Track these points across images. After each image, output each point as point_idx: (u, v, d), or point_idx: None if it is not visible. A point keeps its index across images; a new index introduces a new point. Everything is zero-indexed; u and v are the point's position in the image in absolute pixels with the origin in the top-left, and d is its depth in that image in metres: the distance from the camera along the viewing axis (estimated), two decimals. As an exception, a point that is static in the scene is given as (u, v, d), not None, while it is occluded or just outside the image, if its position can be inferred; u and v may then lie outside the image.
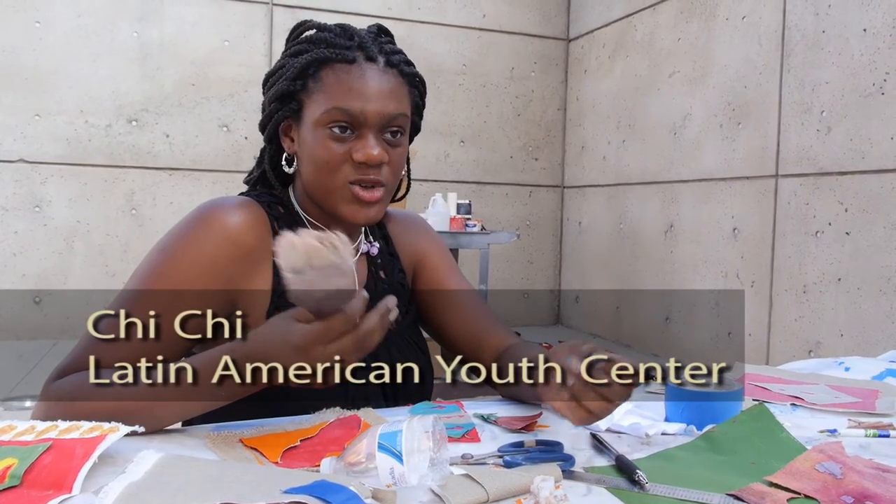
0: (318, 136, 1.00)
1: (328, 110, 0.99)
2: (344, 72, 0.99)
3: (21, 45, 4.51)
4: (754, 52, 3.88)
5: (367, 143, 0.99)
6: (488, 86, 5.59)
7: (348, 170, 1.00)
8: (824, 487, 0.76)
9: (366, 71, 1.00)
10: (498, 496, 0.72)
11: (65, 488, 0.68)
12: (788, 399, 1.14)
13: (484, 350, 1.12)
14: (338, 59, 1.00)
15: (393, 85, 1.01)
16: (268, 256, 1.02)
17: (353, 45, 1.01)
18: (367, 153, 0.98)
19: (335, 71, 1.00)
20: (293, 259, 0.72)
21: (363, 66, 1.00)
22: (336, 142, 0.99)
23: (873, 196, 3.20)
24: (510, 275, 5.72)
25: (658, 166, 4.66)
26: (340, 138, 0.99)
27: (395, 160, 1.03)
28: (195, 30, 4.85)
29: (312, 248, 0.71)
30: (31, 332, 4.58)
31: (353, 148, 0.99)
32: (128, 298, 0.95)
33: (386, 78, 1.01)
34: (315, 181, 1.03)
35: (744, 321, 3.92)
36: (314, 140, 1.01)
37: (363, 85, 0.99)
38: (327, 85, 1.00)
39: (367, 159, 0.98)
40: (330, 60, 1.00)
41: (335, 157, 0.99)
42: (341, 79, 0.99)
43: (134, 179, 4.76)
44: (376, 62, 1.01)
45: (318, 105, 1.00)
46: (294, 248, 0.72)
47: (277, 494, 0.65)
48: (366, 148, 0.98)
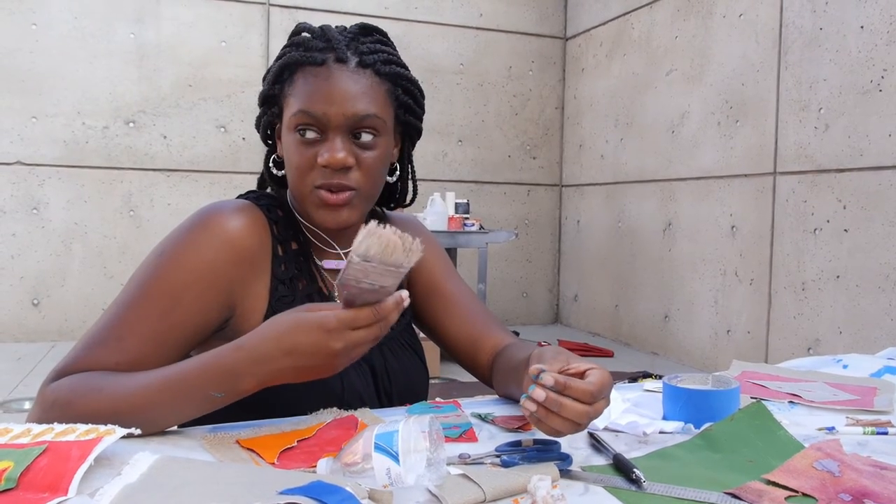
0: (289, 141, 1.00)
1: (295, 113, 0.98)
2: (312, 74, 0.99)
3: (18, 47, 4.50)
4: (752, 50, 3.88)
5: (330, 147, 0.97)
6: (486, 85, 5.59)
7: (315, 174, 0.98)
8: (822, 485, 0.76)
9: (333, 73, 0.98)
10: (495, 496, 0.72)
11: (60, 491, 0.68)
12: (786, 397, 1.14)
13: (481, 350, 1.13)
14: (307, 61, 0.99)
15: (363, 86, 0.99)
16: (267, 260, 1.02)
17: (326, 47, 1.00)
18: (330, 157, 0.96)
19: (304, 74, 0.99)
20: (370, 245, 0.73)
21: (331, 67, 0.98)
22: (304, 146, 0.98)
23: (871, 193, 3.20)
24: (509, 274, 5.72)
25: (656, 164, 4.66)
26: (307, 142, 0.98)
27: (367, 163, 1.00)
28: (192, 31, 4.84)
29: (392, 243, 0.74)
30: (29, 334, 4.57)
31: (319, 152, 0.98)
32: (126, 302, 0.94)
33: (355, 79, 0.99)
34: (291, 185, 1.02)
35: (742, 319, 3.92)
36: (287, 144, 1.01)
37: (328, 87, 0.97)
38: (297, 88, 1.00)
39: (329, 163, 0.96)
40: (301, 63, 1.00)
41: (303, 162, 0.99)
42: (308, 81, 0.99)
43: (131, 181, 4.76)
44: (346, 63, 0.99)
45: (290, 108, 1.00)
46: (376, 237, 0.73)
47: (274, 495, 0.65)
48: (330, 151, 0.97)
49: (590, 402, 0.78)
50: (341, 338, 0.79)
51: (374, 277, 0.75)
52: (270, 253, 1.03)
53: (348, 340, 0.80)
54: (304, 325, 0.80)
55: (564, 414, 0.77)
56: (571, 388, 0.77)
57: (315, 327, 0.79)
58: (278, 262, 1.03)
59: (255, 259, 1.00)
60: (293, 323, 0.81)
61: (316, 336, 0.79)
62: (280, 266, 1.03)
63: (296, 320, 0.81)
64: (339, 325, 0.79)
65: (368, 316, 0.79)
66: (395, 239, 0.74)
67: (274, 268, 1.02)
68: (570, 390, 0.77)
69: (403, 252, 0.75)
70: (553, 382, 0.76)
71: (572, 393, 0.77)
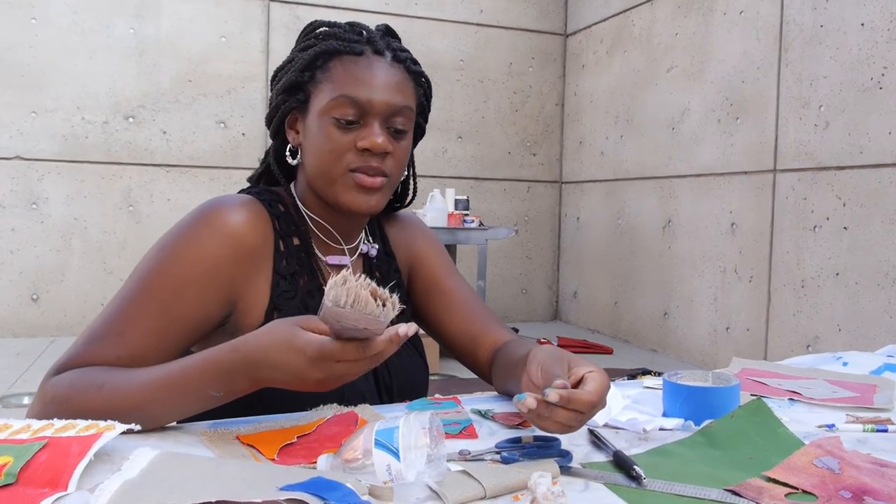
0: (323, 125, 1.00)
1: (335, 98, 0.99)
2: (352, 62, 1.01)
3: (17, 42, 4.49)
4: (752, 47, 3.88)
5: (371, 132, 0.99)
6: (486, 81, 5.58)
7: (351, 157, 1.00)
8: (822, 482, 0.76)
9: (373, 63, 1.01)
10: (495, 492, 0.72)
11: (60, 486, 0.68)
12: (786, 394, 1.14)
13: (480, 347, 1.13)
14: (346, 51, 1.01)
15: (399, 79, 1.03)
16: (269, 256, 1.02)
17: (362, 39, 1.03)
18: (372, 140, 0.98)
19: (343, 62, 1.01)
20: (339, 294, 0.73)
21: (371, 58, 1.02)
22: (341, 130, 1.00)
23: (871, 191, 3.20)
24: (508, 270, 5.72)
25: (656, 161, 4.66)
26: (346, 127, 1.00)
27: (399, 153, 1.03)
28: (192, 26, 4.83)
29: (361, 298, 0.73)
30: (28, 330, 4.57)
31: (358, 136, 1.00)
32: (127, 296, 0.94)
33: (393, 71, 1.02)
34: (318, 170, 1.02)
35: (742, 316, 3.92)
36: (319, 129, 1.01)
37: (370, 75, 1.00)
38: (335, 75, 1.01)
39: (372, 146, 0.98)
40: (339, 52, 1.02)
41: (339, 146, 0.99)
42: (349, 69, 1.00)
43: (131, 176, 4.75)
44: (384, 56, 1.02)
45: (325, 94, 1.01)
46: (344, 289, 0.73)
47: (274, 491, 0.65)
48: (371, 136, 0.99)
49: (587, 412, 0.79)
50: (323, 368, 0.78)
51: (352, 322, 0.74)
52: (272, 248, 1.02)
53: (330, 372, 0.78)
54: (292, 344, 0.79)
55: (557, 419, 0.79)
56: (573, 402, 0.78)
57: (298, 351, 0.78)
58: (280, 258, 1.03)
59: (257, 254, 1.00)
60: (284, 338, 0.80)
61: (298, 360, 0.78)
62: (282, 261, 1.03)
63: (287, 336, 0.80)
64: (320, 356, 0.77)
65: (354, 352, 0.77)
66: (364, 294, 0.73)
67: (276, 263, 1.02)
68: (572, 403, 0.78)
69: (377, 304, 0.73)
70: (557, 399, 0.77)
71: (574, 406, 0.78)
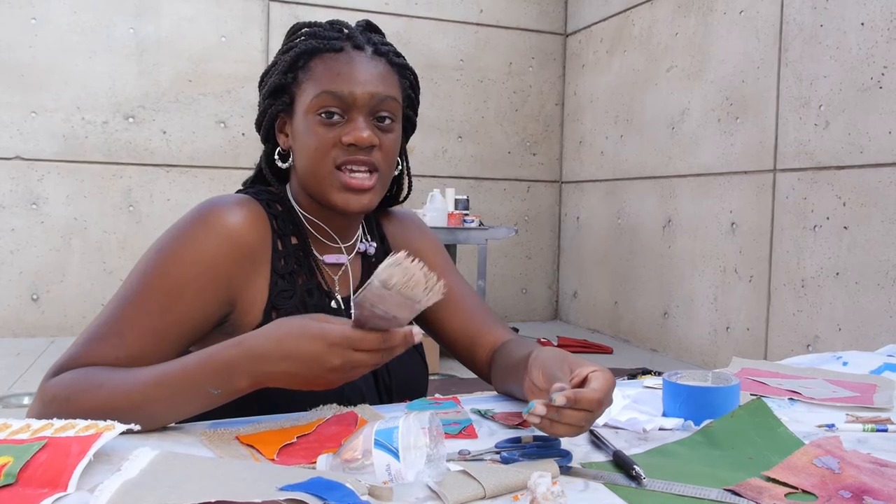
0: (309, 124, 1.00)
1: (317, 95, 0.99)
2: (332, 59, 1.01)
3: (17, 42, 4.49)
4: (752, 47, 3.87)
5: (356, 126, 0.99)
6: (486, 81, 5.58)
7: (337, 153, 0.99)
8: (822, 482, 0.76)
9: (354, 57, 1.01)
10: (495, 492, 0.72)
11: (60, 486, 0.68)
12: (786, 394, 1.14)
13: (480, 347, 1.13)
14: (326, 48, 1.01)
15: (381, 71, 1.02)
16: (267, 255, 1.02)
17: (342, 35, 1.03)
18: (357, 135, 0.98)
19: (324, 60, 1.01)
20: (394, 274, 0.73)
21: (351, 53, 1.01)
22: (325, 127, 0.99)
23: (871, 190, 3.20)
24: (508, 270, 5.72)
25: (656, 161, 4.66)
26: (330, 123, 0.99)
27: (386, 146, 1.02)
28: (192, 26, 4.83)
29: (416, 278, 0.74)
30: (28, 330, 4.57)
31: (343, 132, 0.99)
32: (126, 297, 0.94)
33: (374, 64, 1.02)
34: (307, 170, 1.02)
35: (742, 316, 3.92)
36: (305, 128, 1.01)
37: (351, 69, 1.00)
38: (316, 73, 1.01)
39: (357, 140, 0.98)
40: (319, 51, 1.02)
41: (325, 142, 0.99)
42: (329, 66, 1.00)
43: (131, 176, 4.75)
44: (364, 50, 1.02)
45: (308, 93, 1.01)
46: (401, 268, 0.73)
47: (273, 492, 0.64)
48: (355, 130, 0.98)
49: (595, 410, 0.79)
50: (342, 355, 0.79)
51: (389, 306, 0.75)
52: (270, 248, 1.02)
53: (348, 359, 0.79)
54: (308, 332, 0.80)
55: (567, 421, 0.78)
56: (580, 402, 0.78)
57: (318, 337, 0.79)
58: (278, 257, 1.03)
59: (255, 254, 1.00)
60: (298, 328, 0.81)
61: (317, 346, 0.79)
62: (280, 261, 1.03)
63: (301, 326, 0.81)
64: (342, 341, 0.78)
65: (375, 341, 0.79)
66: (419, 275, 0.74)
67: (274, 262, 1.02)
68: (579, 403, 0.78)
69: (424, 289, 0.74)
70: (564, 401, 0.77)
71: (581, 405, 0.78)
